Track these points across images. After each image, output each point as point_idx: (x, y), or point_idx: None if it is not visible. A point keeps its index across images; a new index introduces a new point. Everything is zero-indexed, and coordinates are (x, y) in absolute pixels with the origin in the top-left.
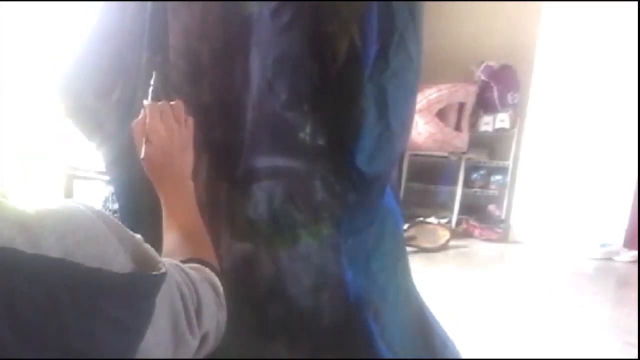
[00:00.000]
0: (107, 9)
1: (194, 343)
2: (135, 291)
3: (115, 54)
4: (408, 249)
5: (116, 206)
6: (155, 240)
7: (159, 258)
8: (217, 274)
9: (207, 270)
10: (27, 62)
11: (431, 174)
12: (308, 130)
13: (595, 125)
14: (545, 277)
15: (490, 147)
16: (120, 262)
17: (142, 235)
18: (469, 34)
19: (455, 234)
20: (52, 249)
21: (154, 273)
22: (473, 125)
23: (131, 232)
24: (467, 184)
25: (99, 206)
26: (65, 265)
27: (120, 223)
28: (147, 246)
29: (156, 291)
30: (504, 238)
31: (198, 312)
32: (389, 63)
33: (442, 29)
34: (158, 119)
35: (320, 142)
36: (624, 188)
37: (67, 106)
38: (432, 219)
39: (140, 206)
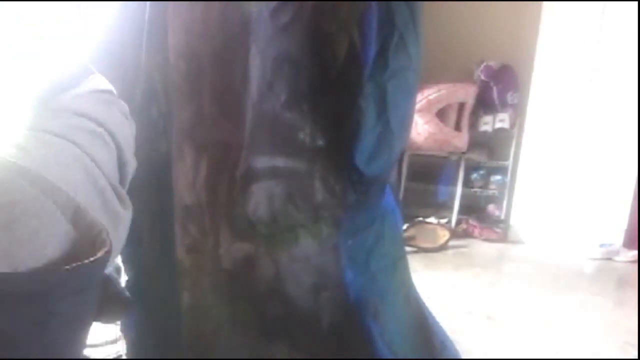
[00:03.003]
0: (106, 9)
1: (127, 214)
2: (81, 280)
3: (115, 53)
4: (408, 249)
5: None
6: (154, 240)
7: (98, 221)
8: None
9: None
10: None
11: (431, 174)
12: (308, 130)
13: (595, 126)
14: (545, 277)
15: (490, 147)
16: (61, 233)
17: (140, 237)
18: (469, 34)
19: (454, 234)
20: None
21: (97, 257)
22: (473, 125)
23: (66, 192)
24: (467, 184)
25: None
26: (12, 277)
27: (52, 182)
28: (85, 207)
29: (101, 273)
30: (503, 238)
31: (121, 164)
32: (388, 63)
33: (442, 29)
34: None
35: (320, 142)
36: (624, 188)
37: None
38: (431, 219)
39: (137, 207)
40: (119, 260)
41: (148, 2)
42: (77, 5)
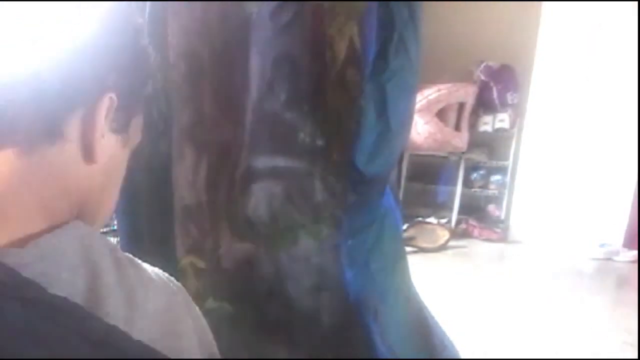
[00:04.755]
0: (106, 9)
1: None
2: None
3: None
4: (407, 249)
5: None
6: (154, 240)
7: None
8: None
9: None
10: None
11: (431, 174)
12: (308, 130)
13: (595, 125)
14: (545, 277)
15: (490, 147)
16: None
17: (140, 237)
18: (469, 34)
19: (454, 234)
20: (141, 334)
21: None
22: (472, 125)
23: (211, 336)
24: (467, 183)
25: None
26: None
27: (203, 321)
28: (217, 352)
29: None
30: (503, 238)
31: None
32: (388, 63)
33: (442, 29)
34: None
35: (320, 142)
36: (624, 188)
37: None
38: (431, 219)
39: (137, 208)
40: None
41: (148, 2)
42: (77, 6)
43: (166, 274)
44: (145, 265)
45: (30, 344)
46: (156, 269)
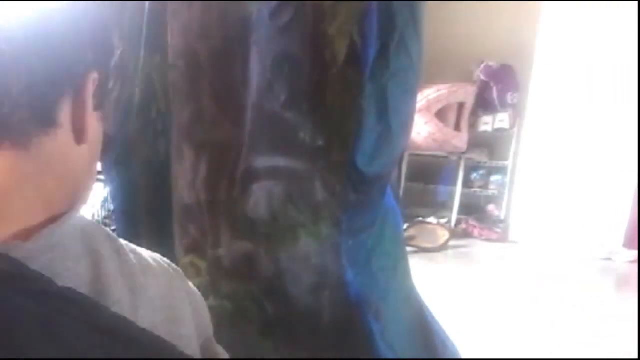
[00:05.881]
0: (105, 8)
1: None
2: None
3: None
4: (408, 249)
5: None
6: (153, 240)
7: (222, 351)
8: None
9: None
10: None
11: (431, 174)
12: (308, 130)
13: (595, 125)
14: (545, 277)
15: (490, 147)
16: (192, 349)
17: (139, 237)
18: (469, 34)
19: (454, 234)
20: (144, 320)
21: None
22: (472, 125)
23: (208, 319)
24: (467, 184)
25: (97, 207)
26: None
27: (200, 305)
28: (213, 338)
29: None
30: (503, 238)
31: None
32: (389, 63)
33: (442, 29)
34: None
35: (320, 142)
36: (624, 188)
37: None
38: (431, 219)
39: (136, 208)
40: None
41: (148, 2)
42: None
43: (165, 259)
44: (142, 250)
45: (41, 337)
46: (155, 254)
